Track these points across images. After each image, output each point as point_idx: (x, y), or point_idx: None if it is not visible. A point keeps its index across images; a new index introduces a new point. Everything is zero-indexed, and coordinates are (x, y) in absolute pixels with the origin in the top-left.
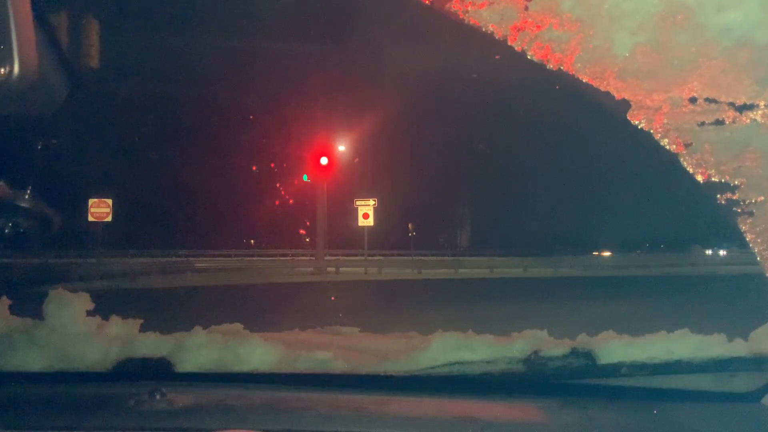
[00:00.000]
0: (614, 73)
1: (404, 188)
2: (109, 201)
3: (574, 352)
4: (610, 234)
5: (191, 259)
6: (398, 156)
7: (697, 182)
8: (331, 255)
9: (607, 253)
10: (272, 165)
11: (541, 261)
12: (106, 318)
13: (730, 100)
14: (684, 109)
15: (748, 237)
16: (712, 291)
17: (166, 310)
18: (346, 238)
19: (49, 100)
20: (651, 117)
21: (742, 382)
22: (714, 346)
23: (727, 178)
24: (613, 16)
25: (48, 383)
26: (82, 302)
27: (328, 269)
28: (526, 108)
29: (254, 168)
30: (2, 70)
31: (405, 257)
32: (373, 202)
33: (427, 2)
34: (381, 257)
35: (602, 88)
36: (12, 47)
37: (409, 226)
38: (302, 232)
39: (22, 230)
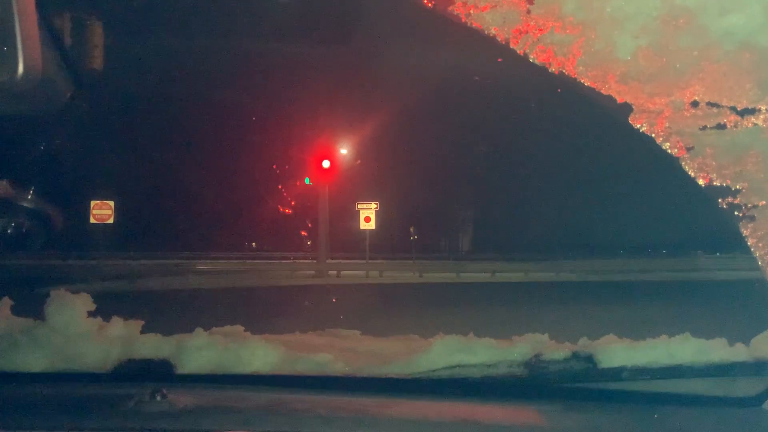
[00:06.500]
0: (616, 76)
1: (406, 192)
2: (111, 203)
3: (575, 356)
4: (612, 238)
5: (192, 261)
6: (401, 159)
7: (699, 186)
8: (332, 258)
9: (608, 258)
10: (274, 167)
11: (542, 265)
12: (107, 319)
13: (732, 104)
14: (686, 113)
15: (750, 241)
16: (713, 296)
17: (167, 312)
18: (348, 242)
19: (51, 100)
20: (653, 121)
21: (743, 387)
22: (715, 350)
23: (729, 182)
24: (615, 19)
25: (49, 384)
26: (84, 303)
27: (330, 272)
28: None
29: (256, 171)
30: (6, 69)
31: (407, 261)
32: (375, 206)
33: (429, 5)
34: (383, 261)
35: (604, 92)
36: (16, 47)
37: (411, 229)
38: (304, 234)
39: (24, 230)
